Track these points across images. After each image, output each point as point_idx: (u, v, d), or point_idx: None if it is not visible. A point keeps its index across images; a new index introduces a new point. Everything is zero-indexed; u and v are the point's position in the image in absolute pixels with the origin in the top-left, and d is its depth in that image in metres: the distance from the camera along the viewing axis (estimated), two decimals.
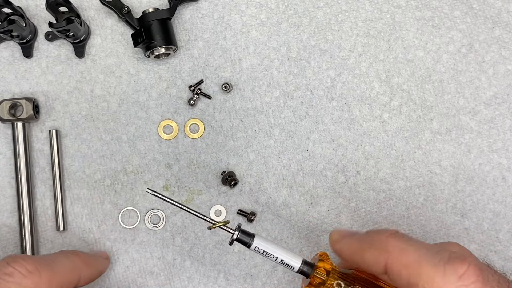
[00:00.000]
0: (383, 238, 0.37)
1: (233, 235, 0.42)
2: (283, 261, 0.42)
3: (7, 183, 0.53)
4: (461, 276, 0.32)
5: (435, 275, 0.33)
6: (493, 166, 0.56)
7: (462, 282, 0.32)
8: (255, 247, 0.42)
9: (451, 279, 0.32)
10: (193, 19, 0.56)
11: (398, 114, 0.56)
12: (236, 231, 0.42)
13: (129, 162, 0.54)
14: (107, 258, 0.52)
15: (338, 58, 0.57)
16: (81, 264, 0.45)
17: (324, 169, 0.55)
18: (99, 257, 0.50)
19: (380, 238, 0.37)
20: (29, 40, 0.54)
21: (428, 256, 0.34)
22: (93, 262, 0.48)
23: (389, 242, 0.36)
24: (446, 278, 0.32)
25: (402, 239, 0.36)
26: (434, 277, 0.33)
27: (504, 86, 0.57)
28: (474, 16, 0.58)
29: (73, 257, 0.45)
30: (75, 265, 0.45)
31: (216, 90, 0.56)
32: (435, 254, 0.34)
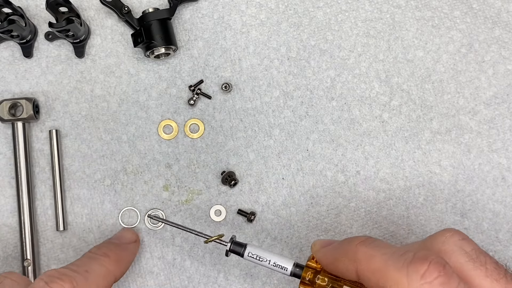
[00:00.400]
0: (352, 247, 0.38)
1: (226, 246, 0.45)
2: (276, 263, 0.43)
3: (7, 183, 0.53)
4: (423, 274, 0.33)
5: (399, 277, 0.34)
6: (493, 166, 0.56)
7: (425, 280, 0.33)
8: (248, 252, 0.44)
9: (414, 278, 0.33)
10: (193, 19, 0.56)
11: (398, 114, 0.56)
12: (229, 243, 0.45)
13: (129, 162, 0.54)
14: (136, 240, 0.52)
15: (338, 58, 0.57)
16: (113, 265, 0.46)
17: (324, 169, 0.55)
18: (129, 247, 0.50)
19: (350, 247, 0.39)
20: (29, 40, 0.54)
21: (393, 260, 0.35)
22: (125, 257, 0.48)
23: (358, 250, 0.38)
24: (409, 279, 0.33)
25: (370, 245, 0.38)
26: (399, 279, 0.34)
27: (504, 86, 0.57)
28: (474, 16, 0.58)
29: (104, 260, 0.45)
30: (108, 269, 0.45)
31: (216, 90, 0.56)
32: (400, 257, 0.35)
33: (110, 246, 0.49)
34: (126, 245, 0.50)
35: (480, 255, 0.37)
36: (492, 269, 0.36)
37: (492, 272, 0.36)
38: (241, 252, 0.45)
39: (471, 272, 0.36)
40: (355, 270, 0.38)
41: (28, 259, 0.51)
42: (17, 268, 0.52)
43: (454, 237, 0.38)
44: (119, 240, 0.51)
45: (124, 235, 0.51)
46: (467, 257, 0.37)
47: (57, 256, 0.53)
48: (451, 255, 0.37)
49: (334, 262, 0.40)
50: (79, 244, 0.53)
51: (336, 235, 0.54)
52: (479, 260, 0.37)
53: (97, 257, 0.46)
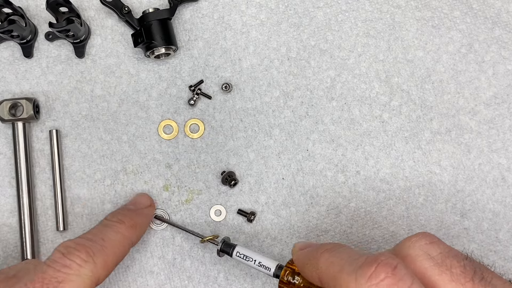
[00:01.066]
0: (317, 254, 0.39)
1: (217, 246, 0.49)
2: (261, 263, 0.46)
3: (7, 183, 0.53)
4: (369, 276, 0.33)
5: (349, 281, 0.34)
6: (493, 166, 0.56)
7: (371, 282, 0.33)
8: (236, 252, 0.47)
9: (361, 281, 0.33)
10: (193, 19, 0.56)
11: (398, 114, 0.56)
12: (220, 243, 0.48)
13: (129, 162, 0.54)
14: (151, 204, 0.52)
15: (338, 58, 0.57)
16: (129, 231, 0.46)
17: (324, 169, 0.55)
18: (144, 211, 0.50)
19: (315, 254, 0.39)
20: (29, 40, 0.54)
21: (347, 265, 0.35)
22: (140, 221, 0.48)
23: (321, 257, 0.38)
24: (357, 282, 0.33)
25: (332, 252, 0.38)
26: (349, 283, 0.34)
27: (504, 86, 0.57)
28: (474, 16, 0.58)
29: (119, 227, 0.46)
30: (124, 235, 0.46)
31: (216, 90, 0.56)
32: (353, 261, 0.35)
33: (124, 211, 0.49)
34: (141, 210, 0.50)
35: (447, 259, 0.36)
36: (458, 273, 0.35)
37: (458, 277, 0.35)
38: (230, 251, 0.48)
39: (436, 277, 0.36)
40: (318, 276, 0.38)
41: (28, 259, 0.51)
42: None
43: (421, 241, 0.38)
44: (134, 205, 0.51)
45: (138, 200, 0.52)
46: (431, 262, 0.36)
47: None
48: (415, 260, 0.37)
49: (302, 267, 0.41)
50: None
51: (336, 235, 0.55)
52: (445, 265, 0.36)
53: (112, 224, 0.46)
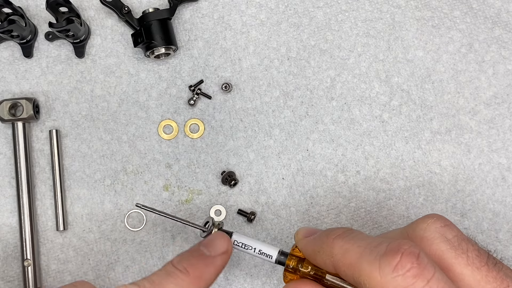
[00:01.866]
0: (330, 241, 0.38)
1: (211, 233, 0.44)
2: (261, 251, 0.43)
3: (7, 183, 0.53)
4: (395, 266, 0.32)
5: (372, 270, 0.33)
6: (493, 166, 0.56)
7: (397, 272, 0.32)
8: (234, 241, 0.44)
9: (386, 271, 0.32)
10: (193, 19, 0.56)
11: (398, 114, 0.56)
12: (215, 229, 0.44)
13: (129, 162, 0.54)
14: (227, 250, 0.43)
15: (338, 58, 0.57)
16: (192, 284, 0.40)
17: (324, 169, 0.55)
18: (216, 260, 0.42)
19: (327, 241, 0.38)
20: (29, 40, 0.54)
21: (366, 253, 0.34)
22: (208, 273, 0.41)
23: (334, 244, 0.37)
24: (381, 272, 0.33)
25: (346, 238, 0.37)
26: (371, 272, 0.33)
27: (504, 86, 0.57)
28: (474, 16, 0.58)
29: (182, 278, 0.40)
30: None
31: (216, 90, 0.56)
32: (373, 249, 0.34)
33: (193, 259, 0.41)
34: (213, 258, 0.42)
35: (462, 242, 0.36)
36: (474, 257, 0.35)
37: (474, 260, 0.35)
38: None
39: (452, 260, 0.36)
40: (332, 264, 0.37)
41: (28, 259, 0.51)
42: (17, 268, 0.52)
43: (436, 223, 0.37)
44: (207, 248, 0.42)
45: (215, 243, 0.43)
46: (448, 245, 0.36)
47: (57, 256, 0.53)
48: (432, 243, 0.36)
49: (312, 254, 0.40)
50: (79, 244, 0.53)
51: None
52: (461, 248, 0.36)
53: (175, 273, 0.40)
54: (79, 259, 0.53)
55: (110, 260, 0.53)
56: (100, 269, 0.53)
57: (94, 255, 0.53)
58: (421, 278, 0.32)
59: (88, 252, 0.53)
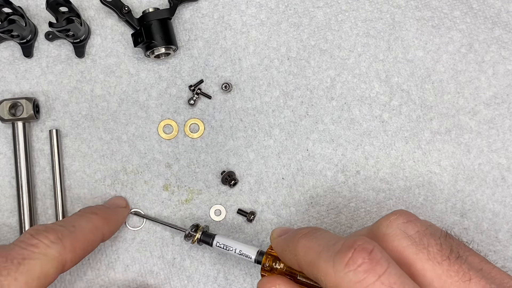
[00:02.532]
0: (295, 240, 0.39)
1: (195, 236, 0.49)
2: (241, 251, 0.47)
3: (7, 183, 0.53)
4: (347, 262, 0.33)
5: (327, 267, 0.34)
6: (493, 166, 0.56)
7: (349, 268, 0.33)
8: (216, 242, 0.48)
9: (339, 268, 0.33)
10: (193, 19, 0.56)
11: (398, 114, 0.56)
12: (199, 232, 0.49)
13: (129, 162, 0.54)
14: (126, 206, 0.53)
15: (338, 58, 0.57)
16: (101, 222, 0.47)
17: (323, 169, 0.55)
18: (119, 210, 0.51)
19: (293, 240, 0.39)
20: (29, 40, 0.54)
21: (324, 250, 0.35)
22: (113, 216, 0.49)
23: (299, 243, 0.38)
24: (335, 268, 0.33)
25: (310, 237, 0.38)
26: (327, 269, 0.34)
27: (504, 86, 0.57)
28: (474, 16, 0.58)
29: (92, 217, 0.47)
30: (96, 225, 0.46)
31: (216, 90, 0.56)
32: (331, 247, 0.35)
33: (98, 206, 0.50)
34: (115, 208, 0.51)
35: (424, 238, 0.36)
36: (435, 252, 0.35)
37: (435, 255, 0.35)
38: (210, 242, 0.48)
39: (413, 256, 0.36)
40: (296, 262, 0.38)
41: None
42: None
43: (398, 220, 0.38)
44: (109, 204, 0.52)
45: (114, 201, 0.53)
46: (409, 241, 0.36)
47: None
48: (393, 239, 0.37)
49: (281, 253, 0.41)
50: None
51: None
52: (422, 243, 0.36)
53: (85, 214, 0.47)
54: None
55: (110, 259, 0.53)
56: (100, 268, 0.53)
57: (94, 254, 0.53)
58: (372, 273, 0.32)
59: None
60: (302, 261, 0.37)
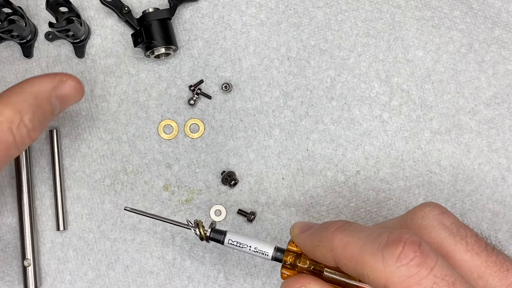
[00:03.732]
0: (328, 234, 0.37)
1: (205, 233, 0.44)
2: (256, 248, 0.42)
3: (7, 183, 0.53)
4: (398, 256, 0.32)
5: (375, 262, 0.33)
6: (493, 166, 0.56)
7: (401, 262, 0.32)
8: (228, 239, 0.43)
9: (390, 262, 0.32)
10: (193, 19, 0.56)
11: (398, 114, 0.56)
12: (209, 229, 0.44)
13: (129, 162, 0.54)
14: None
15: (338, 58, 0.57)
16: None
17: (324, 169, 0.55)
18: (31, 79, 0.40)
19: (326, 235, 0.37)
20: (29, 40, 0.54)
21: (367, 244, 0.34)
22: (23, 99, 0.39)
23: (334, 237, 0.37)
24: (385, 263, 0.33)
25: (345, 231, 0.37)
26: (374, 264, 0.33)
27: (504, 86, 0.57)
28: (474, 16, 0.58)
29: None
30: None
31: (216, 90, 0.56)
32: (374, 240, 0.34)
33: None
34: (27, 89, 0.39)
35: (460, 229, 0.36)
36: (473, 243, 0.35)
37: (473, 246, 0.35)
38: (221, 239, 0.43)
39: (452, 247, 0.35)
40: (332, 257, 0.37)
41: (28, 259, 0.51)
42: (17, 268, 0.52)
43: (433, 211, 0.37)
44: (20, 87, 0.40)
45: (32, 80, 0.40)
46: (447, 232, 0.36)
47: (57, 256, 0.53)
48: (431, 231, 0.36)
49: (311, 249, 0.39)
50: (79, 244, 0.53)
51: None
52: (460, 234, 0.36)
53: None
54: (79, 258, 0.53)
55: (110, 260, 0.53)
56: (100, 269, 0.53)
57: (94, 255, 0.53)
58: (425, 266, 0.32)
59: (88, 252, 0.53)
60: (341, 256, 0.36)
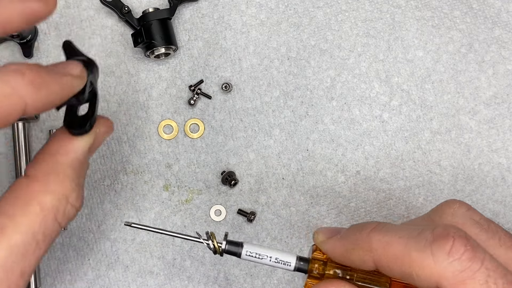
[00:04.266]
0: (364, 236, 0.36)
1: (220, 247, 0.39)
2: (278, 259, 0.39)
3: (7, 183, 0.53)
4: (449, 252, 0.32)
5: (424, 258, 0.32)
6: (493, 166, 0.56)
7: (453, 257, 0.31)
8: (246, 251, 0.39)
9: (441, 258, 0.32)
10: (193, 19, 0.56)
11: (398, 114, 0.56)
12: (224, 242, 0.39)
13: (129, 162, 0.54)
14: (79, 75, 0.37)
15: (338, 58, 0.57)
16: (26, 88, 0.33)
17: (324, 169, 0.55)
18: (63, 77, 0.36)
19: (362, 237, 0.36)
20: (29, 40, 0.54)
21: (411, 242, 0.33)
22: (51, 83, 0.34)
23: (372, 238, 0.35)
24: (435, 259, 0.32)
25: (382, 231, 0.35)
26: (424, 261, 0.32)
27: (504, 86, 0.57)
28: (474, 16, 0.58)
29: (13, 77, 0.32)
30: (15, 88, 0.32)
31: (216, 90, 0.56)
32: (418, 237, 0.33)
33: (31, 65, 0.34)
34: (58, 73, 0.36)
35: (491, 224, 0.36)
36: (504, 238, 0.35)
37: (505, 241, 0.35)
38: (238, 252, 0.39)
39: (486, 242, 0.35)
40: (372, 260, 0.35)
41: None
42: None
43: (462, 208, 0.37)
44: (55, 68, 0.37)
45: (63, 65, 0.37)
46: (478, 228, 0.36)
47: (57, 256, 0.53)
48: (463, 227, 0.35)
49: (345, 253, 0.37)
50: (79, 244, 0.53)
51: None
52: (491, 230, 0.36)
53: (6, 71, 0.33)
54: (79, 259, 0.53)
55: (110, 260, 0.53)
56: (100, 269, 0.53)
57: (94, 255, 0.53)
58: (476, 260, 0.31)
59: (88, 252, 0.53)
60: (382, 257, 0.34)
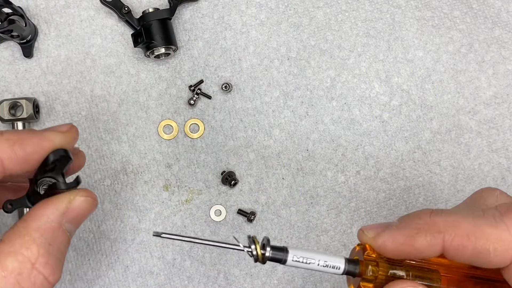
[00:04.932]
0: (428, 219, 0.35)
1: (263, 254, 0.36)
2: (326, 262, 0.36)
3: None
4: None
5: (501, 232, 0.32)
6: (493, 166, 0.56)
7: None
8: (293, 256, 0.35)
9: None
10: (193, 19, 0.56)
11: (398, 114, 0.56)
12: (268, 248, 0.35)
13: (129, 162, 0.54)
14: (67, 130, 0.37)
15: (338, 58, 0.57)
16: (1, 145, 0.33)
17: (324, 169, 0.55)
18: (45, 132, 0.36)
19: (426, 220, 0.35)
20: (29, 40, 0.54)
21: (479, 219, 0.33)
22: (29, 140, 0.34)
23: (437, 221, 0.35)
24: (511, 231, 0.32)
25: (445, 214, 0.35)
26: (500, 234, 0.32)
27: (504, 86, 0.57)
28: (474, 16, 0.58)
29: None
30: None
31: (216, 90, 0.56)
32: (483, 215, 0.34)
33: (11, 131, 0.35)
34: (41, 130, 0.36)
35: None
36: None
37: None
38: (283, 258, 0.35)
39: None
40: (441, 242, 0.34)
41: None
42: None
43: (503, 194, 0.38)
44: None
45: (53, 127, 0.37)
46: None
47: None
48: None
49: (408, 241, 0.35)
50: (79, 244, 0.53)
51: (336, 235, 0.54)
52: None
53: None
54: (79, 259, 0.53)
55: (110, 260, 0.53)
56: (100, 269, 0.53)
57: (94, 255, 0.53)
58: None
59: (88, 252, 0.53)
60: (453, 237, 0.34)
